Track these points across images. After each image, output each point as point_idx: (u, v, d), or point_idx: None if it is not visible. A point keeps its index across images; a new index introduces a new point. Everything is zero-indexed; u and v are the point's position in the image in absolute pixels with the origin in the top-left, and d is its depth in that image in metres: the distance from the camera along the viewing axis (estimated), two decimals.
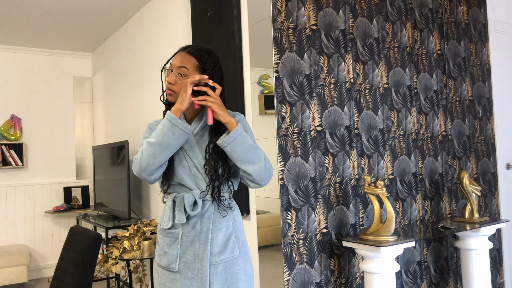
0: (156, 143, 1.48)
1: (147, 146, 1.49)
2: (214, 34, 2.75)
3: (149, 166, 1.49)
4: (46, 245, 4.99)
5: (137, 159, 1.53)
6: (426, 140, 2.93)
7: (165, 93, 1.62)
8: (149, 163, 1.49)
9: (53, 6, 3.81)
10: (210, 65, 1.56)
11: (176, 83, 1.55)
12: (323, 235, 2.36)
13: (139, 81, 4.03)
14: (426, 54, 2.98)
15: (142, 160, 1.50)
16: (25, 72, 5.03)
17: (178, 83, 1.55)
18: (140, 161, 1.51)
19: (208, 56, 1.58)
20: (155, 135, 1.50)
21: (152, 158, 1.48)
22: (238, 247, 1.60)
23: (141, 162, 1.50)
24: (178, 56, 1.58)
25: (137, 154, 1.55)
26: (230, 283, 1.55)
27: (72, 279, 2.06)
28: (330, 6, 2.50)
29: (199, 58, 1.56)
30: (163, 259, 1.59)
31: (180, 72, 1.55)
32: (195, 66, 1.56)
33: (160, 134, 1.48)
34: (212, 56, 1.59)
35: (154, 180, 1.55)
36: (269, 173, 1.56)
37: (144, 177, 1.52)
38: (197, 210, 1.54)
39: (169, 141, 1.48)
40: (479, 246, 2.66)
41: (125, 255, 3.03)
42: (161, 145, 1.48)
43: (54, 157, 5.11)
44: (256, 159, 1.52)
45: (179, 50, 1.61)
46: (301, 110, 2.32)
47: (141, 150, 1.52)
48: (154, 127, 1.63)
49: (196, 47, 1.60)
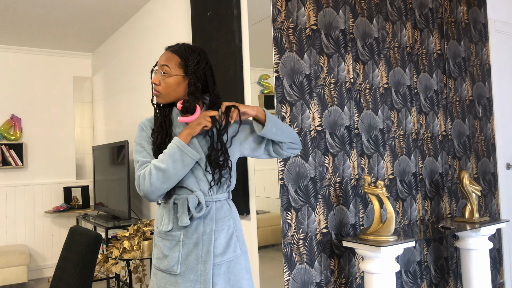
0: (166, 169, 1.46)
1: (157, 172, 1.46)
2: (214, 34, 2.75)
3: (157, 191, 1.49)
4: (46, 245, 4.99)
5: (142, 179, 1.49)
6: (426, 140, 2.93)
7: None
8: (157, 188, 1.48)
9: (53, 6, 3.80)
10: (192, 61, 1.54)
11: (161, 83, 1.55)
12: (323, 235, 2.36)
13: (139, 81, 4.03)
14: (426, 54, 2.98)
15: (152, 184, 1.47)
16: (25, 72, 5.03)
17: (162, 83, 1.55)
18: (149, 185, 1.47)
19: (191, 52, 1.56)
20: (164, 161, 1.46)
21: (161, 184, 1.47)
22: (239, 246, 1.60)
23: (151, 186, 1.47)
24: (162, 56, 1.58)
25: (140, 172, 1.51)
26: (233, 282, 1.55)
27: (72, 279, 2.06)
28: (330, 6, 2.49)
29: (181, 55, 1.55)
30: (163, 262, 1.55)
31: (162, 71, 1.54)
32: (177, 63, 1.55)
33: (170, 161, 1.46)
34: (196, 52, 1.57)
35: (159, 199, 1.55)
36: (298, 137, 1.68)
37: (150, 199, 1.51)
38: (203, 212, 1.52)
39: (179, 169, 1.47)
40: (479, 246, 2.66)
41: (125, 255, 3.03)
42: (171, 172, 1.46)
43: (54, 157, 5.11)
44: (286, 126, 1.62)
45: (165, 50, 1.61)
46: (301, 110, 2.32)
47: (149, 173, 1.48)
48: (147, 127, 1.61)
49: (180, 45, 1.59)
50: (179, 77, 1.55)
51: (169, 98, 1.57)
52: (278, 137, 1.58)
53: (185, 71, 1.55)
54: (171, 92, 1.55)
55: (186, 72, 1.55)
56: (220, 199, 1.59)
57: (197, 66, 1.55)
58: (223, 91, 2.63)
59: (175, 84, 1.55)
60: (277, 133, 1.58)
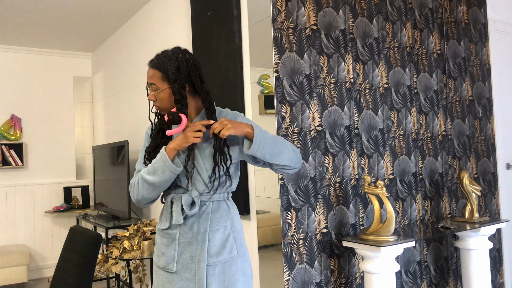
0: (150, 181, 1.52)
1: (142, 182, 1.55)
2: (214, 34, 2.75)
3: (145, 200, 1.58)
4: (46, 245, 4.99)
5: (132, 188, 1.59)
6: (426, 140, 2.93)
7: (152, 110, 1.65)
8: (144, 197, 1.57)
9: (53, 6, 3.80)
10: (170, 70, 1.52)
11: (156, 98, 1.57)
12: (323, 235, 2.36)
13: (139, 81, 4.03)
14: (426, 54, 2.98)
15: (139, 193, 1.56)
16: (25, 72, 5.03)
17: (158, 99, 1.57)
18: (136, 194, 1.57)
19: (168, 61, 1.53)
20: (150, 172, 1.52)
21: (147, 193, 1.56)
22: (236, 248, 1.59)
23: (138, 194, 1.57)
24: (147, 73, 1.59)
25: (132, 180, 1.60)
26: (227, 284, 1.54)
27: (72, 279, 2.06)
28: (330, 6, 2.50)
29: (160, 68, 1.54)
30: (161, 259, 1.59)
31: (152, 89, 1.57)
32: (160, 77, 1.54)
33: (152, 172, 1.52)
34: (172, 58, 1.53)
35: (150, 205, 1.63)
36: (297, 152, 1.60)
37: (140, 206, 1.61)
38: (195, 210, 1.53)
39: (161, 181, 1.52)
40: (479, 246, 2.66)
41: (125, 255, 3.03)
42: (155, 183, 1.52)
43: (54, 157, 5.11)
44: (283, 147, 1.55)
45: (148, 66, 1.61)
46: (301, 110, 2.32)
47: (137, 182, 1.57)
48: (148, 134, 1.67)
49: (157, 56, 1.57)
50: (167, 90, 1.54)
51: (170, 109, 1.58)
52: (268, 159, 1.52)
53: (169, 82, 1.53)
54: (168, 104, 1.57)
55: (171, 82, 1.53)
56: (218, 199, 1.59)
57: (177, 73, 1.51)
58: (223, 91, 2.64)
59: (167, 98, 1.55)
60: (265, 156, 1.51)
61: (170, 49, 1.59)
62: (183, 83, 1.52)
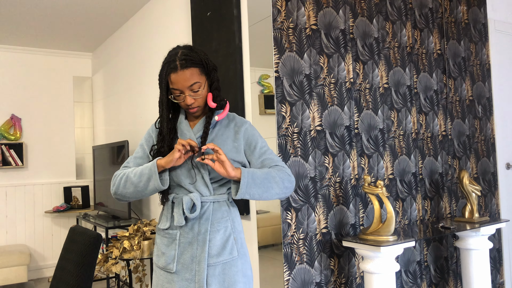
0: (133, 184, 1.52)
1: (125, 180, 1.54)
2: (214, 34, 2.75)
3: (120, 196, 1.58)
4: (46, 245, 4.99)
5: (114, 179, 1.57)
6: (426, 140, 2.93)
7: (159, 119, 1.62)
8: (121, 195, 1.57)
9: (53, 6, 3.80)
10: (203, 59, 1.53)
11: (196, 100, 1.53)
12: (323, 235, 2.36)
13: (139, 81, 4.03)
14: (426, 54, 2.98)
15: (119, 188, 1.55)
16: (25, 72, 5.03)
17: (198, 98, 1.53)
18: (116, 188, 1.56)
19: (196, 54, 1.52)
20: (137, 175, 1.52)
21: (126, 194, 1.56)
22: (237, 248, 1.58)
23: (117, 189, 1.56)
24: (179, 77, 1.49)
25: (120, 172, 1.58)
26: (228, 284, 1.54)
27: (72, 279, 2.06)
28: (330, 6, 2.50)
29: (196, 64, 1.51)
30: (161, 259, 1.58)
31: (194, 89, 1.51)
32: (199, 72, 1.52)
33: (138, 179, 1.52)
34: (196, 51, 1.54)
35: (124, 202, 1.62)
36: (289, 181, 1.57)
37: (115, 197, 1.60)
38: (196, 213, 1.53)
39: (144, 190, 1.53)
40: (479, 246, 2.66)
41: (125, 255, 3.03)
42: (137, 189, 1.53)
43: (54, 157, 5.11)
44: (273, 184, 1.53)
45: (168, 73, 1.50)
46: (301, 110, 2.32)
47: (121, 178, 1.56)
48: (150, 134, 1.66)
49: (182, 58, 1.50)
50: (206, 82, 1.56)
51: (204, 103, 1.58)
52: (257, 199, 1.53)
53: (206, 74, 1.55)
54: (205, 98, 1.57)
55: (207, 73, 1.55)
56: (219, 200, 1.59)
57: (210, 61, 1.56)
58: (223, 91, 2.63)
59: (206, 91, 1.56)
60: (254, 197, 1.52)
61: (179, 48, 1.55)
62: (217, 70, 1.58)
